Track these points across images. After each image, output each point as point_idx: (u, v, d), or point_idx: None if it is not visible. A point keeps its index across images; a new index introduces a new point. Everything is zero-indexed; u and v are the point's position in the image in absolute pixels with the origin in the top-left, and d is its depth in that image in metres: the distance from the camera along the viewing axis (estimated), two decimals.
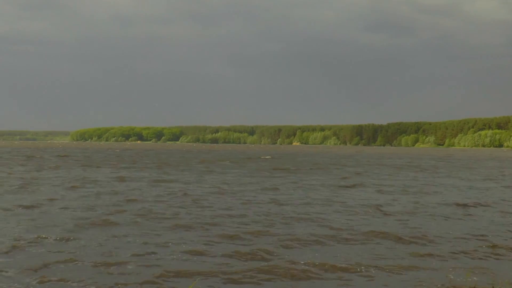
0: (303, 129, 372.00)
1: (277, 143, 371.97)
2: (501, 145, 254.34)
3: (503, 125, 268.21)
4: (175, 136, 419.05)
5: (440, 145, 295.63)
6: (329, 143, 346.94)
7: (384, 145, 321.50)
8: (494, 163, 63.60)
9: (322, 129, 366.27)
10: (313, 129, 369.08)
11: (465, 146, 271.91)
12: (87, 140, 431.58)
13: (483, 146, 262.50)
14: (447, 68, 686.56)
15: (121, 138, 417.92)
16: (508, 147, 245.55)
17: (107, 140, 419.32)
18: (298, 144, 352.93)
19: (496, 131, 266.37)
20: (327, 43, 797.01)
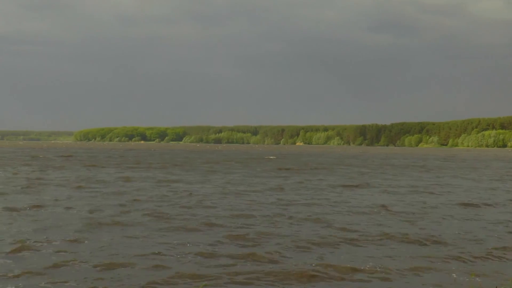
0: (307, 129, 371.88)
1: (280, 143, 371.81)
2: (505, 145, 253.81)
3: (507, 125, 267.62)
4: (179, 136, 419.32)
5: (443, 145, 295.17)
6: (333, 143, 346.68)
7: (387, 145, 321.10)
8: (499, 164, 63.41)
9: (325, 129, 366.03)
10: (317, 129, 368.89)
11: (468, 146, 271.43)
12: (90, 140, 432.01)
13: (487, 146, 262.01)
14: (450, 68, 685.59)
15: (124, 138, 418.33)
16: None
17: (111, 140, 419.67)
18: (301, 144, 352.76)
19: (499, 131, 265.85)
20: (330, 43, 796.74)
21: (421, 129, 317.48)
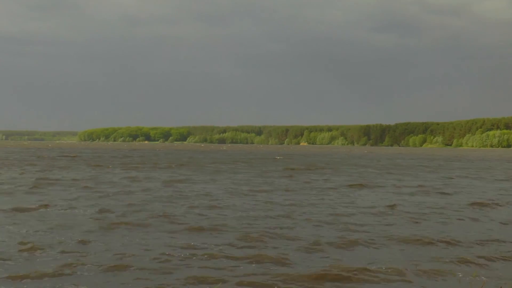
0: (311, 129, 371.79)
1: (284, 143, 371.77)
2: (509, 146, 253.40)
3: None
4: (183, 136, 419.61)
5: (448, 145, 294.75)
6: (337, 143, 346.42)
7: (391, 145, 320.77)
8: (505, 164, 63.21)
9: (329, 129, 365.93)
10: (321, 129, 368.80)
11: (473, 146, 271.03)
12: (94, 140, 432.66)
13: (491, 146, 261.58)
14: (455, 68, 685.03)
15: (128, 138, 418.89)
16: None
17: (115, 140, 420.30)
18: (305, 144, 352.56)
19: (504, 131, 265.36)
20: (335, 43, 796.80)
21: (426, 129, 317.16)
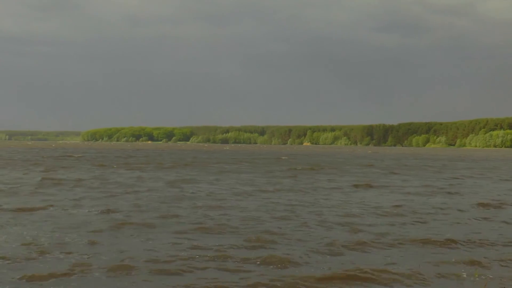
0: (314, 130, 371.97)
1: (287, 143, 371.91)
2: None
3: None
4: (186, 136, 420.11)
5: (451, 145, 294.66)
6: (340, 144, 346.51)
7: (394, 145, 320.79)
8: (510, 164, 62.98)
9: (332, 129, 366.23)
10: (324, 130, 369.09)
11: (476, 146, 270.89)
12: (97, 140, 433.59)
13: (495, 146, 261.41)
14: (458, 68, 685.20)
15: (131, 138, 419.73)
16: None
17: (118, 140, 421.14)
18: (308, 144, 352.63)
19: (507, 131, 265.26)
20: (338, 43, 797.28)
21: (429, 129, 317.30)
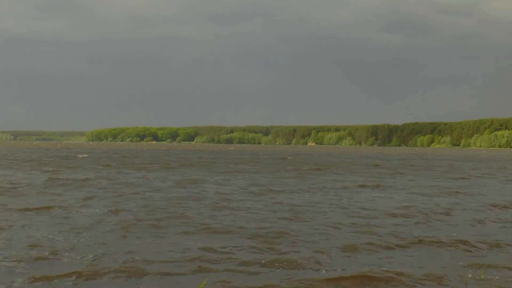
0: (318, 130, 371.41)
1: (292, 143, 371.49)
2: None
3: None
4: (190, 136, 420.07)
5: (456, 145, 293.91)
6: (344, 144, 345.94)
7: (399, 146, 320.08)
8: None
9: (337, 129, 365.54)
10: (328, 130, 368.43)
11: (481, 146, 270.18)
12: (102, 140, 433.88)
13: (500, 146, 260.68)
14: (463, 68, 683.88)
15: (136, 138, 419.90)
16: None
17: (122, 140, 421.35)
18: (313, 144, 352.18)
19: None
20: (343, 43, 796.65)
21: (433, 129, 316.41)
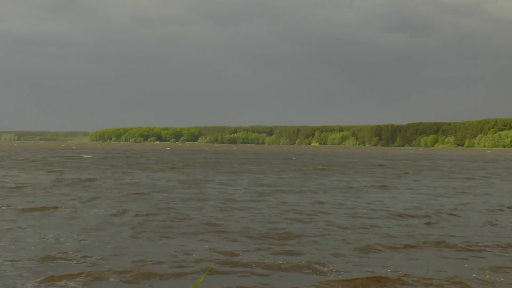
0: (322, 130, 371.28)
1: (295, 143, 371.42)
2: None
3: None
4: (194, 136, 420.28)
5: (460, 145, 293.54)
6: (348, 144, 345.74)
7: (403, 146, 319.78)
8: None
9: (340, 129, 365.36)
10: (332, 130, 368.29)
11: (485, 146, 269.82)
12: (106, 140, 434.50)
13: (504, 146, 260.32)
14: (467, 68, 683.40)
15: (139, 138, 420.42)
16: None
17: (126, 140, 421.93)
18: (316, 144, 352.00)
19: None
20: (346, 43, 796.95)
21: (437, 129, 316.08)
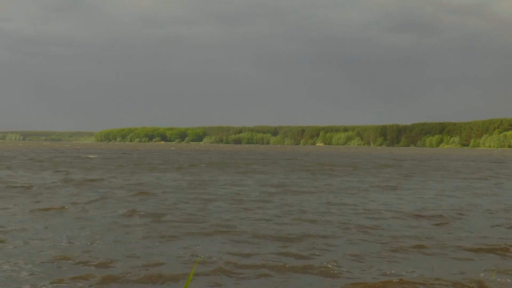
0: (327, 130, 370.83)
1: (300, 143, 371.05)
2: None
3: None
4: (199, 136, 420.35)
5: (465, 145, 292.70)
6: (353, 144, 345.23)
7: (408, 146, 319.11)
8: None
9: (345, 129, 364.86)
10: (337, 130, 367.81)
11: (490, 146, 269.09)
12: (111, 140, 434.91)
13: (509, 146, 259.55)
14: (472, 68, 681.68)
15: (144, 138, 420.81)
16: None
17: (131, 140, 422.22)
18: (321, 144, 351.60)
19: None
20: (351, 43, 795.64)
21: (442, 130, 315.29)
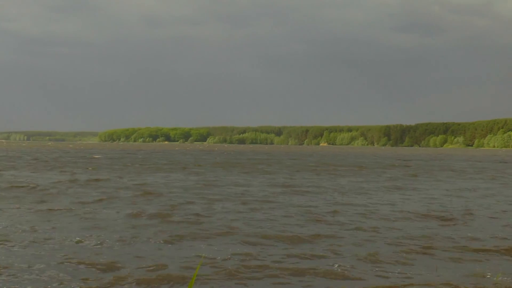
0: (331, 130, 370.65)
1: (304, 143, 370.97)
2: None
3: None
4: (202, 136, 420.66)
5: (469, 145, 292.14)
6: (357, 144, 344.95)
7: (412, 146, 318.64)
8: None
9: (349, 129, 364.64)
10: (341, 130, 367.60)
11: (494, 146, 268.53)
12: (115, 140, 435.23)
13: None
14: (477, 67, 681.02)
15: (148, 138, 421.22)
16: None
17: (135, 140, 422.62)
18: (325, 144, 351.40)
19: None
20: (355, 43, 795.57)
21: (446, 130, 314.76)
